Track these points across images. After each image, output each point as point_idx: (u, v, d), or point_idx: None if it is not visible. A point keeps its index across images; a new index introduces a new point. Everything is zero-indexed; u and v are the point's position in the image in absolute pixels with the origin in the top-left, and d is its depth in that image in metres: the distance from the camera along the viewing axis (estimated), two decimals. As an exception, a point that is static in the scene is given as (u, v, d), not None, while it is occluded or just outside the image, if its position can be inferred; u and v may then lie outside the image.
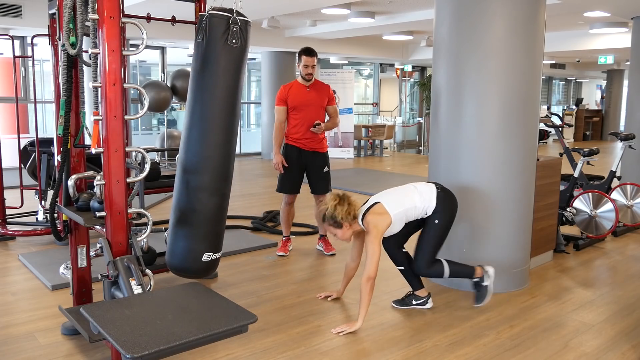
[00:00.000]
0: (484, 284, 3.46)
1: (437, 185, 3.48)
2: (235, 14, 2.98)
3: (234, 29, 2.97)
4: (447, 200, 3.43)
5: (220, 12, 2.98)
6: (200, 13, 3.14)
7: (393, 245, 3.57)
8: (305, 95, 4.59)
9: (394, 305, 3.66)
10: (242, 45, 3.04)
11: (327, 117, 4.78)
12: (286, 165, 4.60)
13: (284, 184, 4.69)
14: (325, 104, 4.68)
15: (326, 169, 4.74)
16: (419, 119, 15.77)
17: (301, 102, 4.57)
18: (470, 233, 3.92)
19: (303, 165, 4.68)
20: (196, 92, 3.04)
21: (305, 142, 4.62)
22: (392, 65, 15.99)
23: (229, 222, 5.84)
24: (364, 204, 3.41)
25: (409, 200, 3.38)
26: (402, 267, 3.63)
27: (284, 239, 4.87)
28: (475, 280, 3.50)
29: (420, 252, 3.45)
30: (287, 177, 4.66)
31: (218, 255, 3.22)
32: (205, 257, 3.13)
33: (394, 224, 3.34)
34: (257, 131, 14.72)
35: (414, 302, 3.61)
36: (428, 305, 3.60)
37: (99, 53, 2.49)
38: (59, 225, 3.16)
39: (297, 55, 4.72)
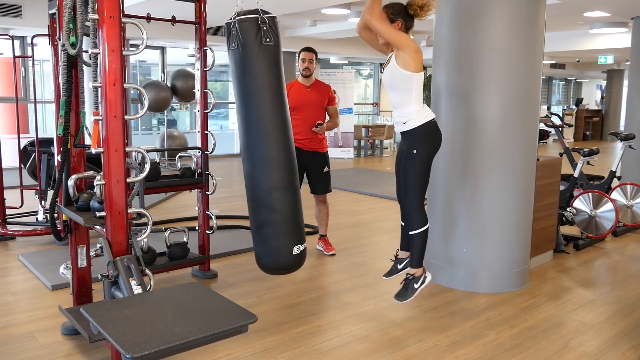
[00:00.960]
0: (416, 285, 3.34)
1: (434, 118, 3.29)
2: (261, 13, 2.99)
3: (265, 28, 2.99)
4: (431, 133, 3.26)
5: (247, 15, 2.99)
6: (225, 22, 3.14)
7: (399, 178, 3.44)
8: (305, 95, 4.59)
9: (385, 278, 3.61)
10: (276, 41, 3.08)
11: (327, 118, 4.78)
12: None
13: None
14: (326, 104, 4.68)
15: (326, 169, 4.74)
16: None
17: (301, 102, 4.56)
18: (470, 233, 3.92)
19: (303, 166, 4.67)
20: (245, 98, 3.11)
21: (305, 142, 4.62)
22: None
23: (228, 222, 5.85)
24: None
25: (418, 91, 3.22)
26: (404, 224, 3.52)
27: None
28: (409, 277, 3.37)
29: (408, 191, 3.32)
30: None
31: (305, 244, 3.35)
32: (296, 251, 3.26)
33: (407, 76, 3.17)
34: (257, 131, 14.70)
35: (398, 266, 3.56)
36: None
37: (99, 53, 2.49)
38: (59, 225, 3.16)
39: (297, 55, 4.74)
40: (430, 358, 2.96)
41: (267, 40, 3.02)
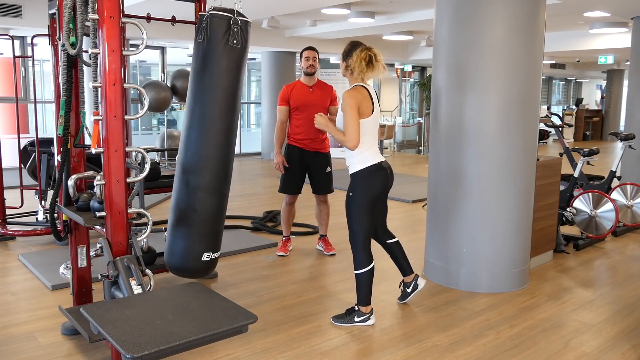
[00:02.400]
0: (356, 318, 3.35)
1: (382, 163, 3.34)
2: (236, 15, 2.99)
3: (235, 30, 2.98)
4: (369, 177, 3.29)
5: (221, 12, 2.98)
6: (200, 13, 3.14)
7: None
8: (308, 95, 4.59)
9: (399, 301, 3.74)
10: (243, 46, 3.04)
11: None
12: (287, 166, 4.60)
13: (286, 184, 4.69)
14: (328, 105, 4.68)
15: (329, 169, 4.74)
16: (419, 119, 15.77)
17: (304, 102, 4.56)
18: (470, 233, 3.92)
19: (305, 166, 4.67)
20: (196, 92, 3.05)
21: (307, 143, 4.62)
22: (392, 65, 15.99)
23: (229, 222, 5.85)
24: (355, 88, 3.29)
25: (370, 136, 3.30)
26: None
27: (284, 239, 4.87)
28: (356, 308, 3.37)
29: (351, 232, 3.37)
30: (289, 178, 4.66)
31: (217, 254, 3.23)
32: (205, 257, 3.14)
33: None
34: (257, 131, 14.71)
35: (407, 289, 3.68)
36: (419, 287, 3.63)
37: (99, 53, 2.49)
38: (59, 225, 3.16)
39: (298, 56, 4.73)
40: (430, 358, 2.96)
41: (234, 41, 3.00)
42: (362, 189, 3.28)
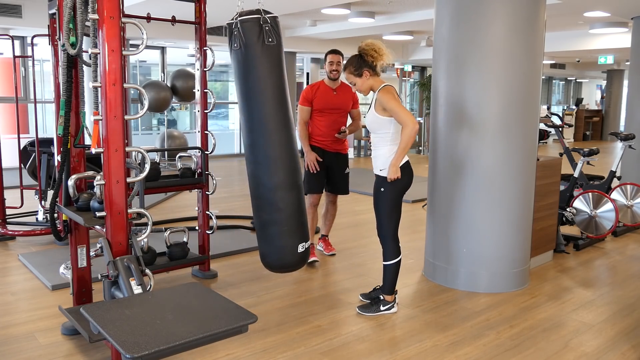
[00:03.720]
0: (382, 307, 3.50)
1: (408, 161, 3.42)
2: (263, 14, 3.00)
3: (267, 28, 3.01)
4: (401, 173, 3.36)
5: (249, 15, 3.00)
6: (227, 22, 3.15)
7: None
8: (331, 98, 4.55)
9: (361, 298, 3.75)
10: (278, 41, 3.10)
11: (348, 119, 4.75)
12: (321, 160, 4.52)
13: (311, 185, 4.60)
14: (350, 108, 4.67)
15: (347, 170, 4.74)
16: (419, 119, 15.75)
17: (327, 105, 4.52)
18: (470, 233, 3.92)
19: (326, 166, 4.66)
20: (248, 98, 3.13)
21: (328, 144, 4.59)
22: (392, 65, 15.98)
23: (228, 222, 5.86)
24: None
25: (396, 134, 3.35)
26: None
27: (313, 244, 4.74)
28: (381, 297, 3.53)
29: (382, 226, 3.46)
30: (314, 178, 4.62)
31: (309, 242, 3.41)
32: (301, 248, 3.32)
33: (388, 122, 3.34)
34: (257, 131, 14.68)
35: (372, 294, 3.69)
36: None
37: (99, 53, 2.49)
38: (59, 225, 3.16)
39: (323, 57, 4.71)
40: (430, 358, 2.96)
41: (270, 40, 3.03)
42: (393, 184, 3.36)
